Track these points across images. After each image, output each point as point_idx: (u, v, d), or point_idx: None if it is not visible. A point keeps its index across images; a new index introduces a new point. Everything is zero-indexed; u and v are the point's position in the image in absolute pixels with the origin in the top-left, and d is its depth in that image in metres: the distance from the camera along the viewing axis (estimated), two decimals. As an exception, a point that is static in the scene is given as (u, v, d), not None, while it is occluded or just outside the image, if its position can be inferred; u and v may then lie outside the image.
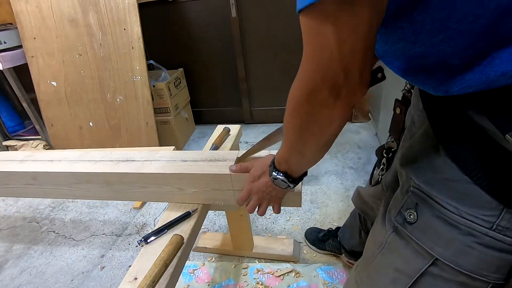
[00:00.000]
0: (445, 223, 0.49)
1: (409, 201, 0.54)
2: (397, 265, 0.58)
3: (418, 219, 0.52)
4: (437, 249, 0.51)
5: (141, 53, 2.10)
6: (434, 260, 0.52)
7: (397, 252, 0.58)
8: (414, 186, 0.53)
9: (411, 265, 0.55)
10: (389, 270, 0.60)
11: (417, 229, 0.53)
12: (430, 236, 0.51)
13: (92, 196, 1.03)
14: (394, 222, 0.57)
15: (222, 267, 1.51)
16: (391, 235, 0.59)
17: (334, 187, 1.94)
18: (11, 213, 2.10)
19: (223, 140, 1.20)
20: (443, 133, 0.49)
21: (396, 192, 0.61)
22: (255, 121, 2.91)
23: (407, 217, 0.54)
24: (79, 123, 2.37)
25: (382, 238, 0.61)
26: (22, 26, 2.24)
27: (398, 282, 0.58)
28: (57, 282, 1.55)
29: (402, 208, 0.55)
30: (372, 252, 0.65)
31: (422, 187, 0.52)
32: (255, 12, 2.43)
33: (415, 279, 0.55)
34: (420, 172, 0.53)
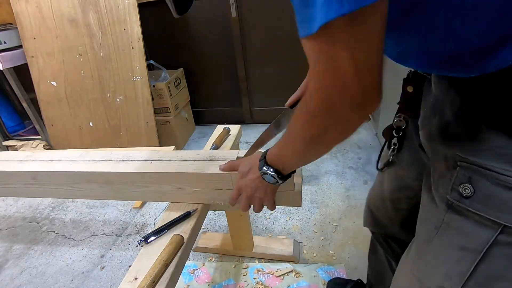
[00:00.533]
0: (506, 189, 0.48)
1: (461, 176, 0.53)
2: (460, 243, 0.56)
3: (475, 191, 0.51)
4: (503, 216, 0.49)
5: (141, 53, 2.10)
6: (502, 228, 0.50)
7: (458, 229, 0.56)
8: (461, 161, 0.52)
9: (476, 239, 0.53)
10: (452, 250, 0.57)
11: (477, 201, 0.52)
12: (492, 205, 0.50)
13: (92, 196, 1.03)
14: (449, 199, 0.55)
15: (222, 267, 1.51)
16: (447, 214, 0.57)
17: (334, 187, 1.94)
18: (11, 213, 2.10)
19: (223, 140, 1.20)
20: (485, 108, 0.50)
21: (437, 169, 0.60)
22: (255, 121, 2.91)
23: (463, 192, 0.53)
24: (79, 123, 2.37)
25: (436, 220, 0.59)
26: (22, 26, 2.24)
27: (465, 260, 0.56)
28: (57, 282, 1.55)
29: (454, 184, 0.54)
30: (426, 238, 0.62)
31: (471, 160, 0.51)
32: (255, 12, 2.43)
33: (484, 252, 0.53)
34: (466, 146, 0.52)
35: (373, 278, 1.17)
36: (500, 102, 0.48)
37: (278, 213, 1.79)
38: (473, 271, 0.55)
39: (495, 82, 0.47)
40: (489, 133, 0.49)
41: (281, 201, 0.89)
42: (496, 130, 0.48)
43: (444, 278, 0.59)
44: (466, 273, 0.56)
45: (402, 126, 0.75)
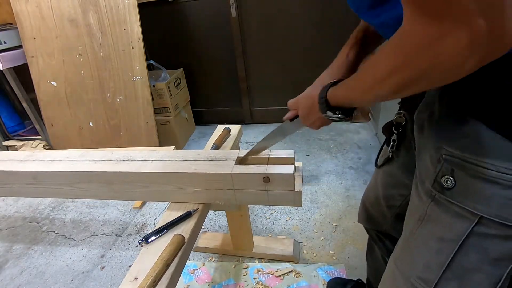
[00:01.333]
0: (485, 181, 0.50)
1: (444, 169, 0.54)
2: (439, 234, 0.58)
3: (456, 183, 0.53)
4: (480, 207, 0.51)
5: (141, 53, 2.10)
6: (478, 219, 0.52)
7: (438, 220, 0.58)
8: (446, 154, 0.54)
9: (454, 230, 0.55)
10: (431, 241, 0.59)
11: (457, 193, 0.53)
12: (471, 196, 0.52)
13: (93, 196, 1.03)
14: (432, 191, 0.57)
15: (222, 267, 1.51)
16: (429, 206, 0.59)
17: (334, 187, 1.94)
18: (11, 213, 2.10)
19: (224, 140, 1.20)
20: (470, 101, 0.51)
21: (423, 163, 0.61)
22: (255, 121, 2.92)
23: (445, 183, 0.54)
24: (79, 123, 2.37)
25: (420, 212, 0.61)
26: (22, 26, 2.24)
27: (443, 251, 0.57)
28: (57, 282, 1.55)
29: (437, 176, 0.55)
30: (411, 229, 0.64)
31: (455, 153, 0.53)
32: (255, 12, 2.43)
33: (461, 243, 0.55)
34: (450, 140, 0.54)
35: (372, 277, 1.18)
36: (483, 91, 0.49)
37: (278, 213, 1.79)
38: (450, 262, 0.56)
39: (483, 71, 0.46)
40: (472, 124, 0.50)
41: (282, 201, 0.89)
42: (479, 122, 0.50)
43: (424, 269, 0.61)
44: (444, 263, 0.57)
45: (402, 123, 0.75)
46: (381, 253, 1.04)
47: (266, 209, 1.83)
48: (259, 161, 0.90)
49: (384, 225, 0.96)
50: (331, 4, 2.26)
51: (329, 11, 2.28)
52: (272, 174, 0.84)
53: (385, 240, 1.01)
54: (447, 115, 0.55)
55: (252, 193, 0.88)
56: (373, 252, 1.09)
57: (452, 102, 0.54)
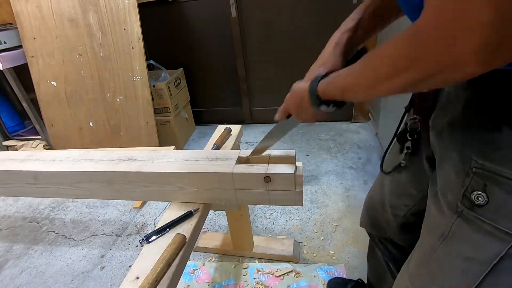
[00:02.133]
0: None
1: (474, 183, 0.50)
2: (467, 253, 0.53)
3: (489, 200, 0.48)
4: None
5: (141, 53, 2.10)
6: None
7: (466, 239, 0.53)
8: (477, 167, 0.49)
9: (485, 251, 0.51)
10: (457, 260, 0.55)
11: (490, 211, 0.49)
12: (506, 215, 0.47)
13: (94, 196, 1.03)
14: (459, 207, 0.52)
15: (222, 267, 1.51)
16: (455, 222, 0.54)
17: (334, 187, 1.94)
18: (11, 213, 2.10)
19: (224, 140, 1.21)
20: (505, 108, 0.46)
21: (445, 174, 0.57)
22: (255, 121, 2.92)
23: (475, 200, 0.50)
24: (79, 123, 2.37)
25: (443, 228, 0.56)
26: (22, 26, 2.24)
27: (471, 272, 0.53)
28: (57, 282, 1.55)
29: (467, 191, 0.51)
30: (432, 245, 0.59)
31: (487, 166, 0.48)
32: (255, 12, 2.43)
33: (493, 265, 0.50)
34: (482, 151, 0.49)
35: (373, 279, 1.17)
36: None
37: (278, 213, 1.79)
38: (479, 284, 0.53)
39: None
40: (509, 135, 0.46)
41: (283, 201, 0.89)
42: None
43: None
44: (472, 285, 0.54)
45: (417, 128, 0.71)
46: (383, 257, 1.02)
47: (266, 209, 1.84)
48: (260, 161, 0.90)
49: (388, 232, 0.94)
50: (332, 4, 2.26)
51: (329, 11, 2.28)
52: (273, 174, 0.84)
53: (387, 245, 0.99)
54: (477, 123, 0.51)
55: (253, 193, 0.88)
56: (375, 255, 1.08)
57: (483, 109, 0.50)
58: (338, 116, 2.72)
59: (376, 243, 1.04)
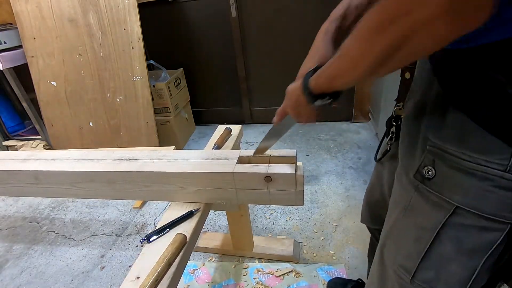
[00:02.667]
0: (462, 172, 0.51)
1: (426, 159, 0.55)
2: (419, 223, 0.59)
3: (436, 173, 0.54)
4: (456, 198, 0.52)
5: (141, 53, 2.10)
6: (454, 209, 0.53)
7: (419, 210, 0.59)
8: (430, 145, 0.55)
9: (431, 219, 0.56)
10: (412, 229, 0.61)
11: (436, 183, 0.55)
12: (448, 187, 0.53)
13: (94, 196, 1.03)
14: (414, 181, 0.58)
15: (222, 267, 1.51)
16: (414, 196, 0.59)
17: (334, 187, 1.94)
18: (11, 213, 2.10)
19: (224, 140, 1.21)
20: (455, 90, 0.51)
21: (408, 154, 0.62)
22: (255, 121, 2.92)
23: (426, 174, 0.56)
24: (79, 123, 2.37)
25: (404, 202, 0.62)
26: (22, 26, 2.24)
27: (422, 239, 0.59)
28: (57, 282, 1.55)
29: (420, 166, 0.57)
30: (395, 218, 0.65)
31: (438, 144, 0.53)
32: (255, 12, 2.43)
33: (437, 232, 0.56)
34: (435, 130, 0.54)
35: None
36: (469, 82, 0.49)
37: (278, 213, 1.79)
38: (427, 251, 0.58)
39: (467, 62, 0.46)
40: (456, 115, 0.51)
41: (283, 201, 0.90)
42: (463, 113, 0.50)
43: (405, 258, 0.62)
44: (422, 252, 0.59)
45: (401, 115, 0.74)
46: None
47: (266, 209, 1.84)
48: (261, 160, 0.90)
49: None
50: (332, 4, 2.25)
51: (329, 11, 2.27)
52: (274, 174, 0.84)
53: None
54: (434, 105, 0.55)
55: (253, 192, 0.89)
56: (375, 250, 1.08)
57: (438, 91, 0.54)
58: (338, 116, 2.72)
59: (377, 238, 1.03)
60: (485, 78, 0.47)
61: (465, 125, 0.49)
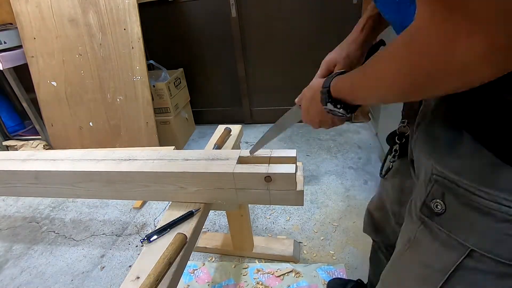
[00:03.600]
0: (478, 211, 0.44)
1: (434, 191, 0.49)
2: (426, 261, 0.54)
3: (446, 209, 0.48)
4: (471, 240, 0.46)
5: (141, 53, 2.10)
6: (469, 252, 0.47)
7: (426, 246, 0.53)
8: (437, 174, 0.49)
9: (442, 260, 0.50)
10: (418, 267, 0.55)
11: (447, 220, 0.48)
12: (462, 226, 0.47)
13: (94, 195, 1.04)
14: (420, 215, 0.53)
15: (222, 267, 1.51)
16: (419, 229, 0.54)
17: (334, 187, 1.94)
18: (11, 213, 2.10)
19: (225, 141, 1.21)
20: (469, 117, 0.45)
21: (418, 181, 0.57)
22: (255, 121, 2.92)
23: (434, 208, 0.49)
24: (79, 123, 2.37)
25: (410, 234, 0.56)
26: (22, 26, 2.24)
27: (429, 280, 0.53)
28: (57, 282, 1.55)
29: (427, 198, 0.50)
30: (400, 250, 0.60)
31: (446, 174, 0.47)
32: (255, 12, 2.43)
33: (449, 275, 0.50)
34: (443, 159, 0.48)
35: (375, 280, 1.16)
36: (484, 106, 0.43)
37: (278, 213, 1.79)
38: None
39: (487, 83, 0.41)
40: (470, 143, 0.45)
41: (283, 201, 0.90)
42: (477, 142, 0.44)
43: None
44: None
45: (405, 133, 0.71)
46: (386, 260, 1.01)
47: (266, 209, 1.84)
48: (261, 160, 0.90)
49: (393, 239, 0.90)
50: (331, 4, 2.26)
51: (329, 11, 2.28)
52: (274, 174, 0.84)
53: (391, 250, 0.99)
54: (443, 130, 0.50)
55: (254, 192, 0.89)
56: (378, 258, 1.07)
57: (448, 115, 0.49)
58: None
59: (380, 247, 1.03)
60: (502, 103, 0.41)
61: (482, 157, 0.43)
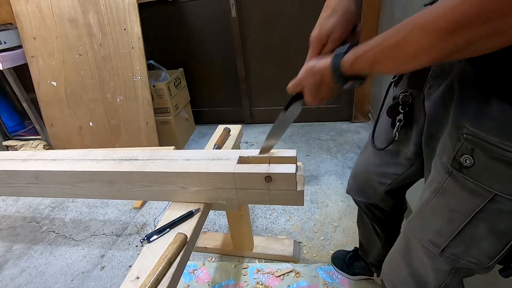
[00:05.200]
0: (505, 163, 0.51)
1: (464, 148, 0.55)
2: (452, 206, 0.61)
3: (475, 162, 0.54)
4: (496, 186, 0.53)
5: (141, 53, 2.10)
6: (493, 196, 0.54)
7: (453, 194, 0.60)
8: (467, 133, 0.54)
9: (467, 204, 0.58)
10: (445, 211, 0.63)
11: (475, 172, 0.55)
12: (488, 176, 0.54)
13: (95, 195, 1.03)
14: (450, 168, 0.59)
15: (222, 267, 1.51)
16: (447, 180, 0.60)
17: (334, 187, 1.94)
18: (11, 213, 2.09)
19: (224, 141, 1.21)
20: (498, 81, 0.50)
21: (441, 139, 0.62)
22: (255, 121, 2.92)
23: (464, 162, 0.56)
24: (79, 123, 2.37)
25: (437, 184, 0.63)
26: (22, 26, 2.24)
27: (455, 221, 0.61)
28: (57, 282, 1.55)
29: (457, 154, 0.57)
30: (426, 199, 0.67)
31: (477, 133, 0.53)
32: (255, 12, 2.43)
33: (472, 216, 0.58)
34: (474, 119, 0.53)
35: (363, 240, 1.26)
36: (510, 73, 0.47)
37: (278, 213, 1.80)
38: (460, 231, 0.61)
39: None
40: (499, 106, 0.50)
41: (284, 201, 0.90)
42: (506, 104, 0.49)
43: (435, 235, 0.65)
44: (454, 232, 0.62)
45: (408, 101, 0.74)
46: (370, 221, 1.12)
47: (266, 209, 1.84)
48: (261, 160, 0.90)
49: (373, 198, 1.00)
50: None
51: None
52: (274, 174, 0.84)
53: (373, 210, 1.07)
54: (471, 94, 0.54)
55: (254, 192, 0.89)
56: (363, 220, 1.17)
57: (476, 80, 0.53)
58: (338, 116, 2.73)
59: (362, 209, 1.12)
60: None
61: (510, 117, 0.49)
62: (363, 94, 2.56)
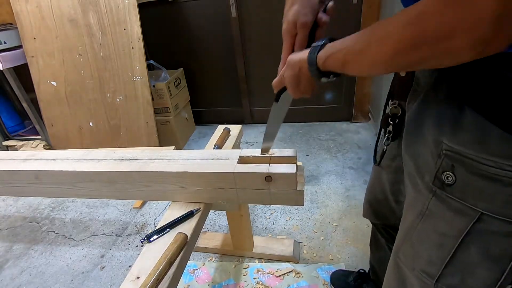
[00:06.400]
0: (486, 179, 0.49)
1: (444, 164, 0.53)
2: (441, 229, 0.58)
3: (456, 179, 0.52)
4: (481, 204, 0.51)
5: (141, 53, 2.10)
6: (479, 216, 0.51)
7: (439, 216, 0.57)
8: (446, 149, 0.52)
9: (455, 226, 0.55)
10: (433, 235, 0.59)
11: (457, 189, 0.53)
12: (472, 193, 0.51)
13: (95, 195, 1.03)
14: (433, 187, 0.56)
15: (222, 267, 1.51)
16: (431, 201, 0.58)
17: (334, 187, 1.94)
18: (11, 213, 2.09)
19: (224, 141, 1.21)
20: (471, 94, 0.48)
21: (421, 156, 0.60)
22: (255, 121, 2.92)
23: (445, 180, 0.53)
24: (79, 123, 2.37)
25: (421, 207, 0.60)
26: (22, 26, 2.24)
27: (444, 245, 0.57)
28: (57, 282, 1.55)
29: (438, 172, 0.54)
30: (411, 224, 0.64)
31: (455, 149, 0.51)
32: (255, 12, 2.43)
33: (462, 239, 0.55)
34: (450, 133, 0.52)
35: (376, 265, 1.19)
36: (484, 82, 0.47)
37: (278, 213, 1.80)
38: (451, 257, 0.57)
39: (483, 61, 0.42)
40: (472, 117, 0.48)
41: (284, 201, 0.90)
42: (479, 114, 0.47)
43: (427, 263, 0.61)
44: (445, 258, 0.58)
45: (398, 113, 0.73)
46: (386, 243, 1.06)
47: (266, 209, 1.84)
48: (261, 160, 0.90)
49: (392, 219, 0.96)
50: (331, 5, 2.26)
51: (329, 11, 2.28)
52: (275, 174, 0.84)
53: (390, 231, 1.02)
54: (445, 106, 0.53)
55: (254, 192, 0.89)
56: (378, 241, 1.10)
57: (449, 92, 0.52)
58: (338, 116, 2.73)
59: (379, 230, 1.06)
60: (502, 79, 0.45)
61: (485, 129, 0.47)
62: (363, 94, 2.56)
